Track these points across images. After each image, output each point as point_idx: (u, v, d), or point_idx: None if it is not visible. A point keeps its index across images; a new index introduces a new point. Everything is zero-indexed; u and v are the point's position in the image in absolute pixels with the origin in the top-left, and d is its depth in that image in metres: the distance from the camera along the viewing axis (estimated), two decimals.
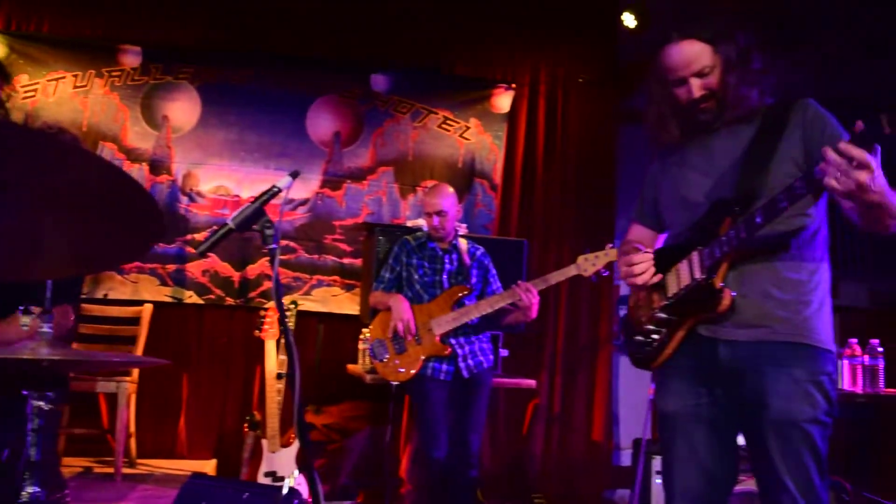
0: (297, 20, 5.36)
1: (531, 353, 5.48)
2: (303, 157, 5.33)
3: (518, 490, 5.35)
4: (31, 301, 2.03)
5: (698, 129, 2.18)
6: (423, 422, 3.78)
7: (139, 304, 4.94)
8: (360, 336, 4.67)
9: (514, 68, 5.70)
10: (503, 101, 5.61)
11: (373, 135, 5.44)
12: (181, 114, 5.25)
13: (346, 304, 5.29)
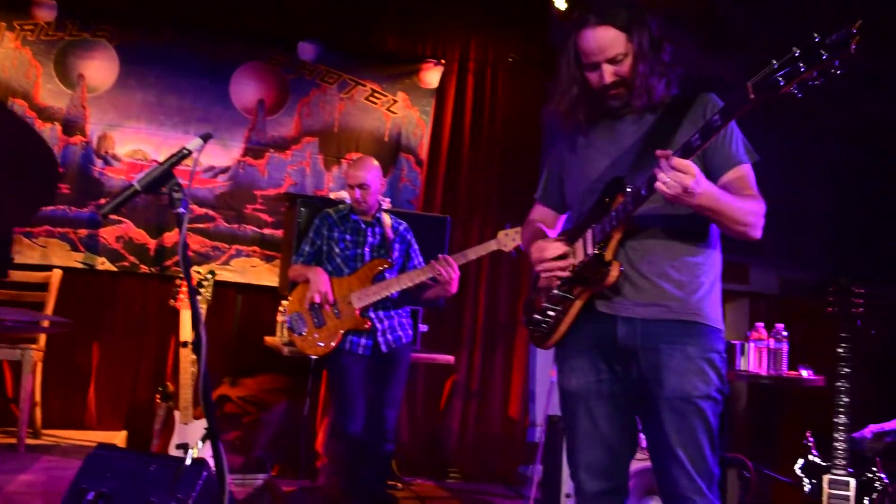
0: None
1: (451, 328, 5.50)
2: (225, 124, 5.20)
3: (434, 465, 5.39)
4: None
5: (606, 114, 2.22)
6: (340, 396, 3.75)
7: (48, 269, 4.76)
8: (279, 308, 4.61)
9: (445, 44, 5.67)
10: (432, 76, 5.58)
11: (298, 104, 5.34)
12: (98, 73, 5.04)
13: (265, 275, 5.20)
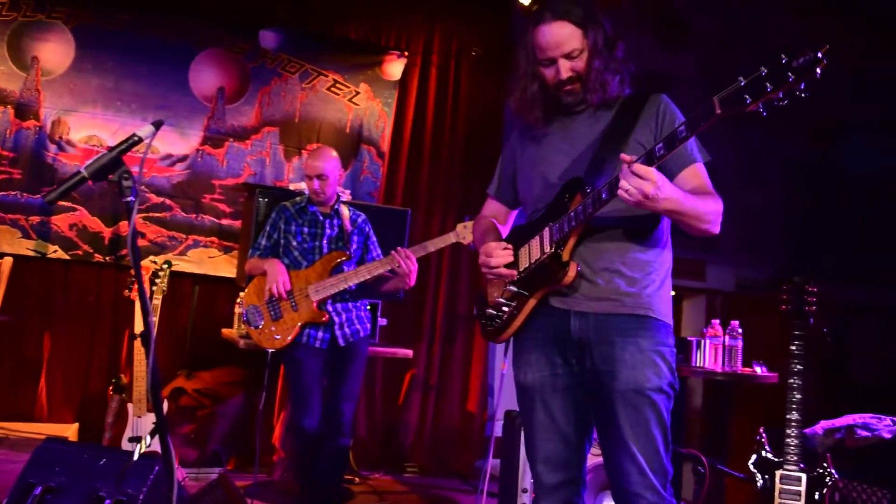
0: None
1: (410, 322, 5.49)
2: (183, 112, 5.10)
3: (392, 459, 5.38)
4: None
5: (561, 111, 2.25)
6: (296, 390, 3.72)
7: None
8: (237, 300, 4.55)
9: (408, 36, 5.64)
10: (395, 68, 5.54)
11: (259, 93, 5.26)
12: (53, 56, 4.91)
13: (223, 266, 5.13)
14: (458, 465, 5.47)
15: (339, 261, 3.70)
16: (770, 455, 3.61)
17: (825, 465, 3.50)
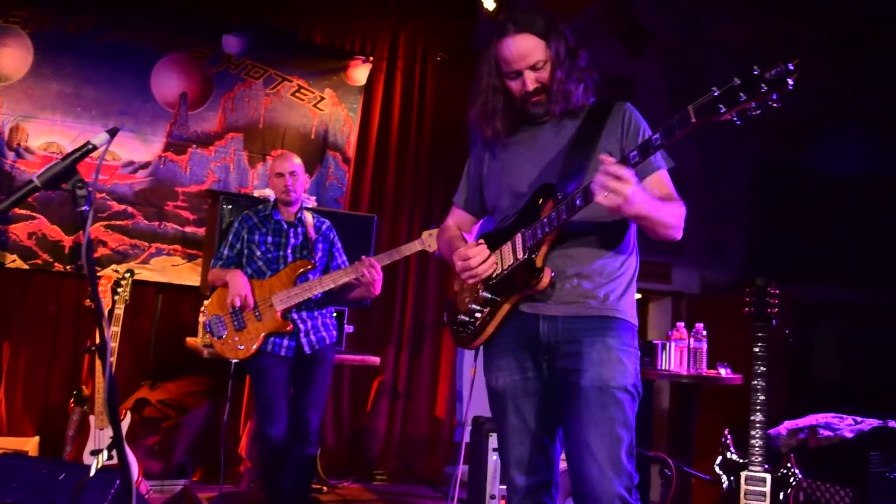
0: None
1: (377, 329, 5.47)
2: (145, 118, 5.02)
3: (360, 467, 5.35)
4: None
5: (526, 121, 2.28)
6: (262, 399, 3.67)
7: None
8: (201, 309, 4.49)
9: (374, 41, 5.62)
10: (360, 73, 5.51)
11: (222, 99, 5.20)
12: (10, 61, 4.80)
13: (186, 274, 5.06)
14: (427, 472, 5.45)
15: (303, 270, 3.66)
16: (735, 456, 3.65)
17: (789, 465, 3.54)
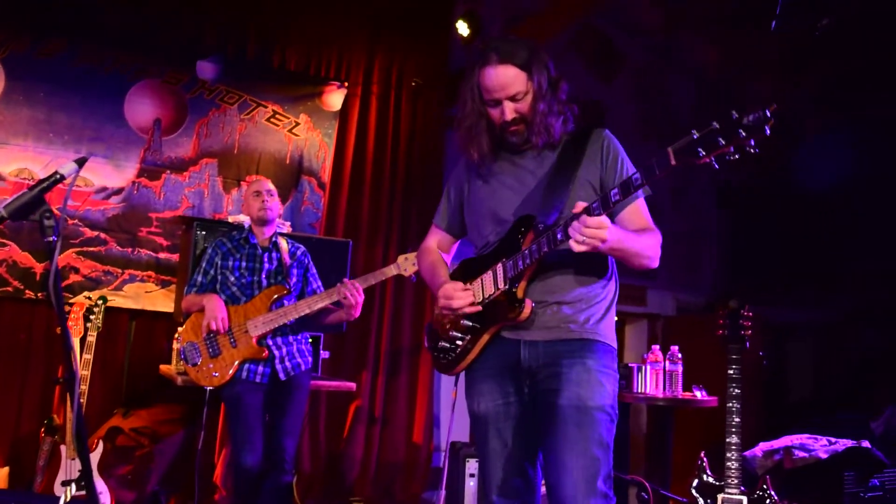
0: None
1: (353, 354, 5.44)
2: (119, 143, 4.99)
3: (337, 493, 5.30)
4: None
5: (507, 148, 2.31)
6: (237, 426, 3.63)
7: None
8: (175, 335, 4.44)
9: (348, 66, 5.65)
10: (335, 98, 5.53)
11: (196, 124, 5.19)
12: None
13: (160, 300, 5.01)
14: (405, 497, 5.41)
15: (277, 296, 3.64)
16: (711, 479, 3.66)
17: (765, 486, 3.56)
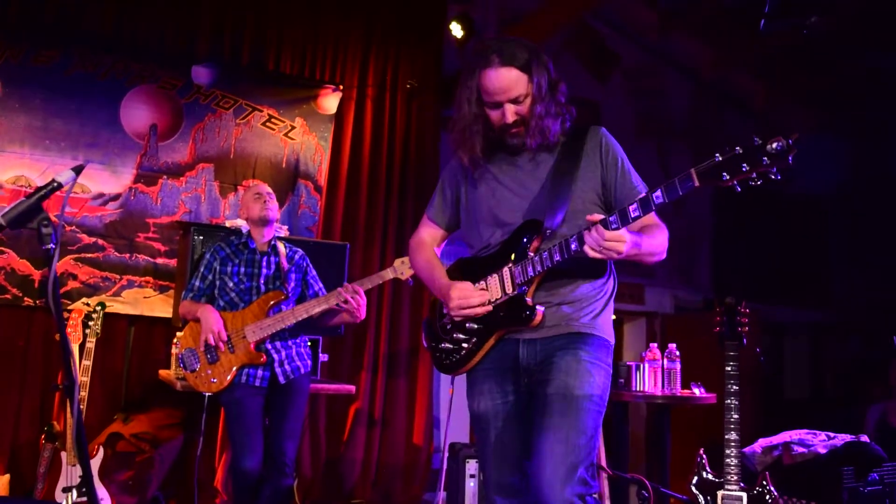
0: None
1: (352, 357, 5.44)
2: (115, 149, 5.00)
3: (338, 495, 5.30)
4: None
5: (504, 149, 2.31)
6: (236, 431, 3.63)
7: None
8: (174, 340, 4.45)
9: (343, 69, 5.66)
10: (330, 101, 5.54)
11: (192, 129, 5.19)
12: None
13: (158, 306, 5.02)
14: (405, 499, 5.42)
15: (274, 301, 3.64)
16: (711, 476, 3.67)
17: (764, 483, 3.57)
